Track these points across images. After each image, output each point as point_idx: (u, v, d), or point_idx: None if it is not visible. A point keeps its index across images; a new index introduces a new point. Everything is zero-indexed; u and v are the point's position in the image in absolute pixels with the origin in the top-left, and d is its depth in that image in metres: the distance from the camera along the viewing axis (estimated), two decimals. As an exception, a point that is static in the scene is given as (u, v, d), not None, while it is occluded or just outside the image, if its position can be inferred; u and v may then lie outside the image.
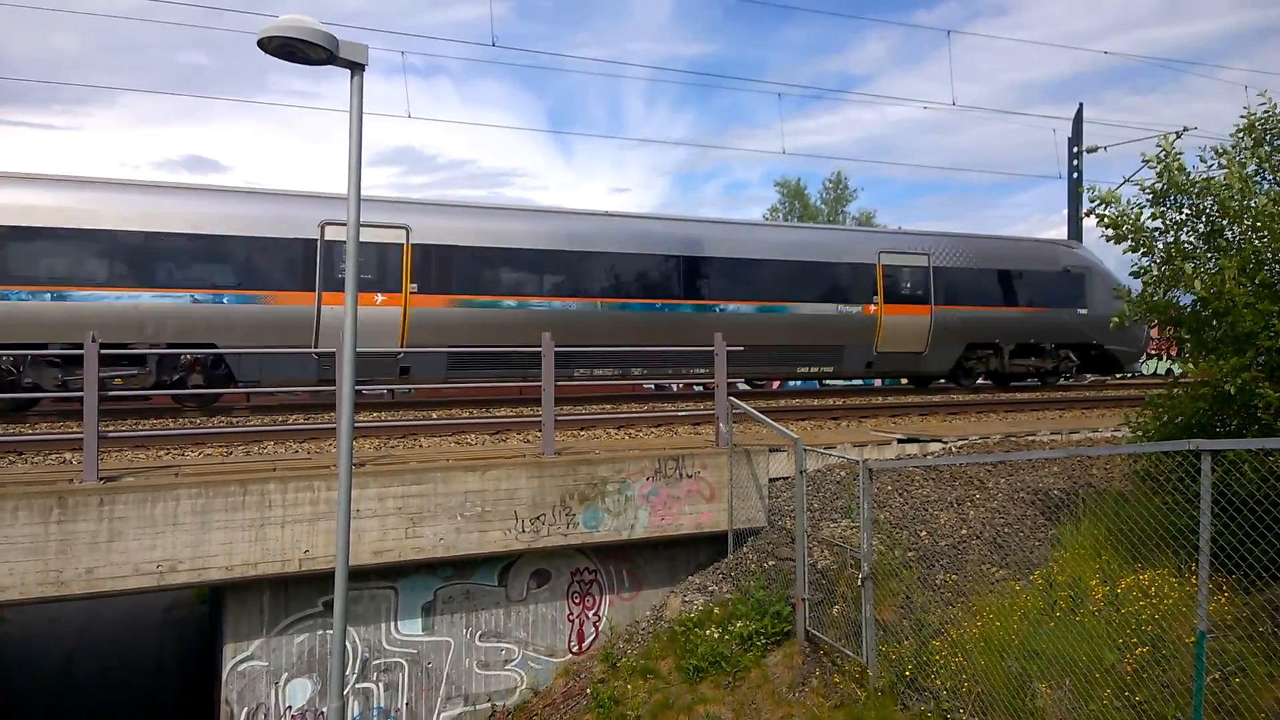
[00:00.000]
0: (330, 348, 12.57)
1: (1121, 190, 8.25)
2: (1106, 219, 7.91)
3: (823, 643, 7.44)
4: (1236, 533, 5.64)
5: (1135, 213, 7.87)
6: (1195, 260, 7.59)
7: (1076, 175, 26.33)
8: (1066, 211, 27.14)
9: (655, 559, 9.19)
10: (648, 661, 7.90)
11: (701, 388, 16.71)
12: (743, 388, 18.08)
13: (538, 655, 8.68)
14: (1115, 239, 7.95)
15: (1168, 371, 26.97)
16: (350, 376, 5.65)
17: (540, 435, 8.72)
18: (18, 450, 8.40)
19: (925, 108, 43.58)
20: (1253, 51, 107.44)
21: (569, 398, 14.36)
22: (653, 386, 19.83)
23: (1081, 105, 26.75)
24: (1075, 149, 26.41)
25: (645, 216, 16.42)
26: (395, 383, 13.90)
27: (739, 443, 9.21)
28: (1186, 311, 7.82)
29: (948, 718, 6.21)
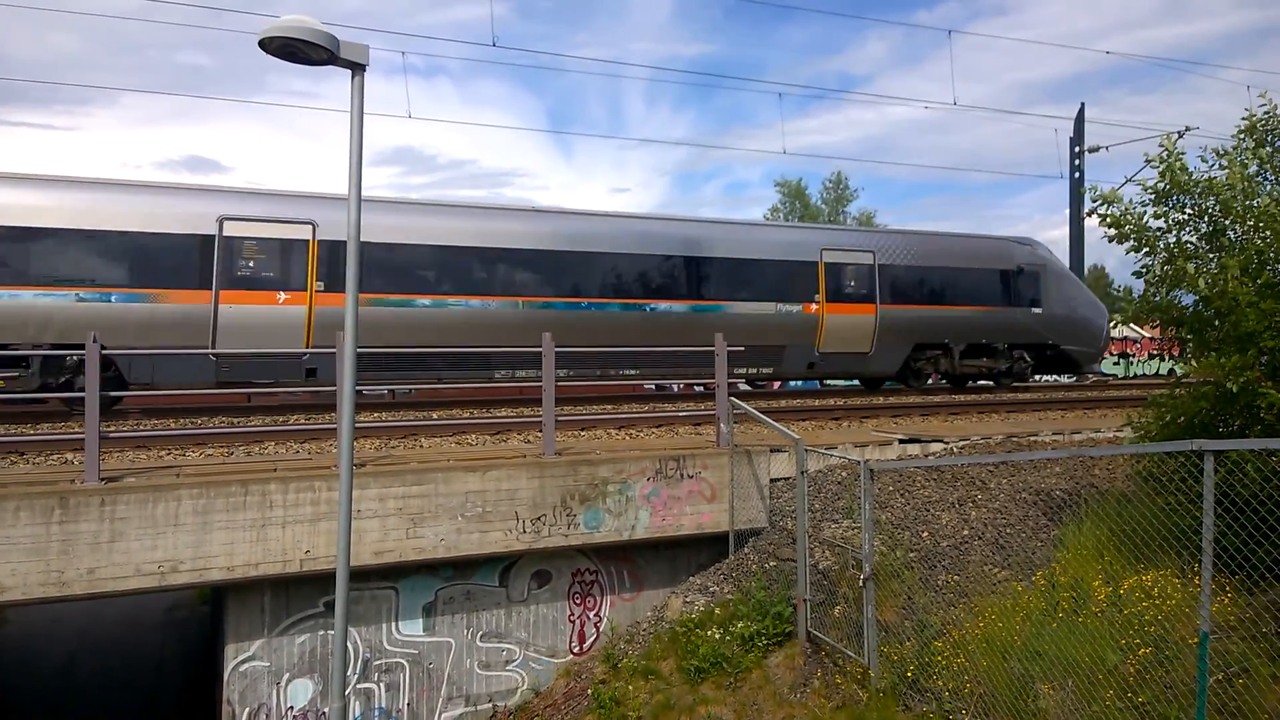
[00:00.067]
0: (229, 348, 12.17)
1: (1123, 190, 8.25)
2: (1109, 219, 7.90)
3: (824, 644, 7.43)
4: (1240, 533, 5.63)
5: (1138, 213, 7.86)
6: (1197, 260, 7.58)
7: (1078, 175, 26.35)
8: (1068, 211, 27.17)
9: (656, 559, 9.18)
10: (649, 662, 7.89)
11: (689, 387, 16.68)
12: (743, 388, 17.96)
13: (539, 656, 8.68)
14: (1118, 239, 7.94)
15: (1170, 372, 26.95)
16: (351, 376, 5.65)
17: (541, 435, 8.72)
18: (19, 451, 8.41)
19: (926, 107, 43.59)
20: (1255, 51, 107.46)
21: (570, 398, 14.35)
22: (653, 387, 19.84)
23: (1083, 105, 26.80)
24: (1077, 149, 26.42)
25: (570, 213, 15.69)
26: (301, 385, 13.03)
27: (740, 443, 9.21)
28: (1188, 312, 7.82)
29: (950, 719, 6.20)
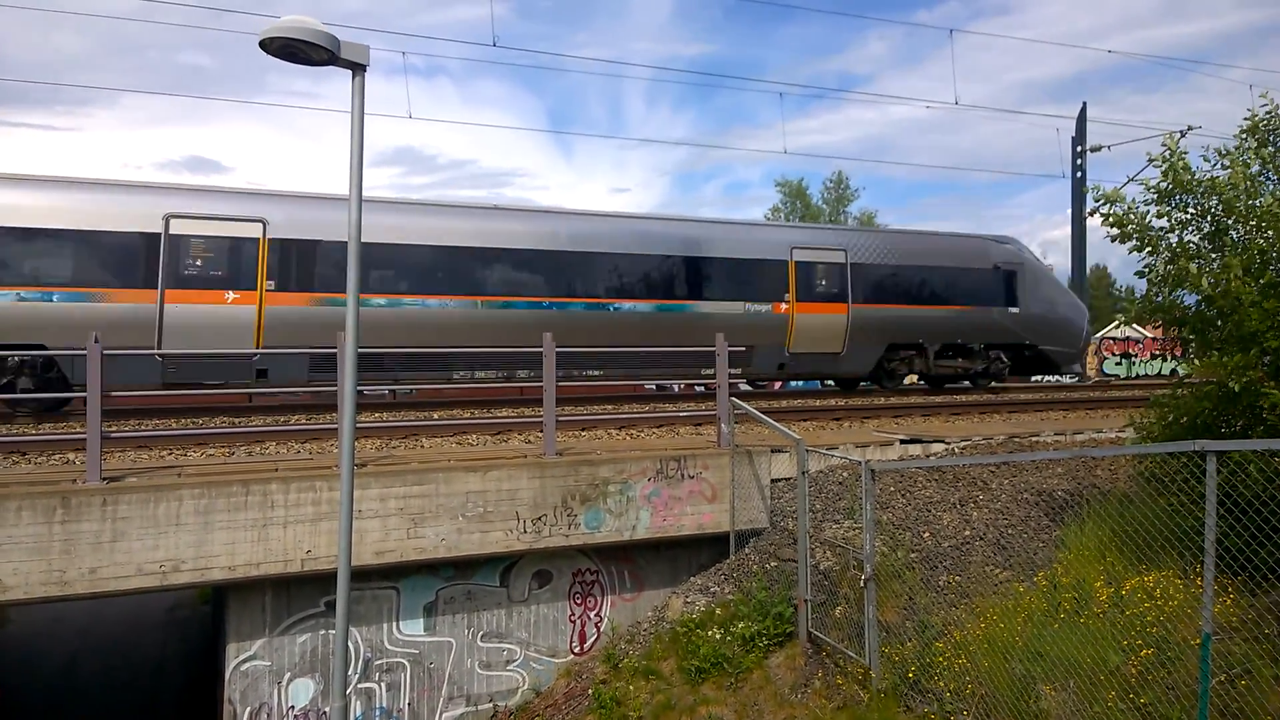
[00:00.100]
0: (175, 349, 11.83)
1: (1126, 190, 8.23)
2: (1111, 218, 7.89)
3: (825, 644, 7.42)
4: (1242, 534, 5.62)
5: (1141, 212, 7.84)
6: (1200, 260, 7.56)
7: (1080, 175, 26.31)
8: (1070, 211, 27.14)
9: (657, 560, 9.17)
10: (650, 662, 7.88)
11: (689, 387, 16.64)
12: (744, 388, 17.94)
13: (539, 656, 8.68)
14: (1120, 238, 7.93)
15: (1172, 372, 26.92)
16: (352, 376, 5.65)
17: (541, 436, 8.72)
18: (21, 450, 8.42)
19: (928, 107, 43.42)
20: (1257, 51, 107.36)
21: (571, 398, 14.33)
22: (654, 387, 19.83)
23: (1085, 104, 26.76)
24: (1079, 148, 26.37)
25: (530, 210, 15.54)
26: (252, 386, 12.68)
27: (741, 443, 9.19)
28: (1191, 312, 7.80)
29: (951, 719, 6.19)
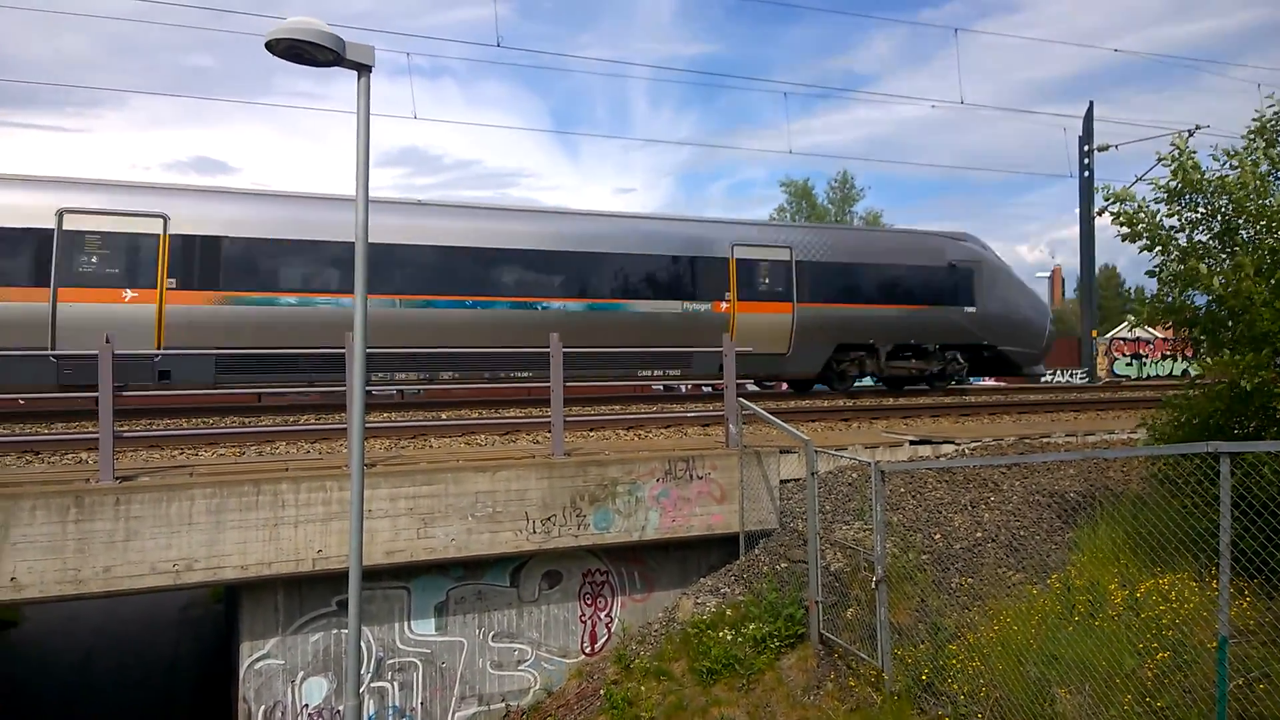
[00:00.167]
0: (70, 349, 11.33)
1: (1135, 189, 8.18)
2: (1122, 217, 7.84)
3: (837, 646, 7.40)
4: (1258, 536, 5.57)
5: (1151, 211, 7.80)
6: (1210, 259, 7.51)
7: (1087, 174, 26.18)
8: (1078, 210, 27.00)
9: (666, 560, 9.16)
10: (661, 663, 7.87)
11: (697, 387, 16.63)
12: (751, 388, 17.88)
13: (550, 656, 8.68)
14: (1130, 237, 7.88)
15: (1184, 373, 26.73)
16: (361, 376, 5.67)
17: (550, 436, 8.72)
18: (34, 450, 8.47)
19: (934, 106, 43.34)
20: (1265, 49, 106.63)
21: (579, 398, 14.35)
22: (661, 388, 19.82)
23: (1092, 103, 26.67)
24: (1086, 147, 26.25)
25: (459, 207, 15.25)
26: (154, 388, 12.13)
27: (749, 444, 9.18)
28: (1201, 312, 7.75)
29: (964, 722, 6.16)
